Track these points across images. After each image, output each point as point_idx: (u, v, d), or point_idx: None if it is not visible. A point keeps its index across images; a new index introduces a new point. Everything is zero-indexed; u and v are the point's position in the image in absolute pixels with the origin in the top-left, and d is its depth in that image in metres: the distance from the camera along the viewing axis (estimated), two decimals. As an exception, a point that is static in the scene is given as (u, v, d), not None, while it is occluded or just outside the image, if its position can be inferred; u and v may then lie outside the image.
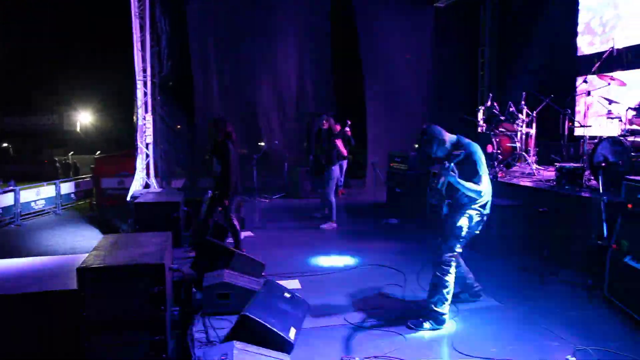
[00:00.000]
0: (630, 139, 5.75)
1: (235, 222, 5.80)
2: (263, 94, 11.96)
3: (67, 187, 12.28)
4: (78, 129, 27.24)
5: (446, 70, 13.18)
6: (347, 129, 11.24)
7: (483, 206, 3.91)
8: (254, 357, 2.93)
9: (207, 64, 11.62)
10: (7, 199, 10.01)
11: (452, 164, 3.62)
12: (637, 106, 5.99)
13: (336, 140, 7.51)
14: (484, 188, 3.81)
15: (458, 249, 3.89)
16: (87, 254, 4.07)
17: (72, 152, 17.73)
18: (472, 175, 3.75)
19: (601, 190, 4.72)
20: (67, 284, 3.96)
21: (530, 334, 3.72)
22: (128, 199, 8.66)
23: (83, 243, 7.40)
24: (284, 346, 3.25)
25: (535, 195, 5.98)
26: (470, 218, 3.89)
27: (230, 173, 5.55)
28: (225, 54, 11.72)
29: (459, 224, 3.87)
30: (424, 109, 12.79)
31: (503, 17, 12.73)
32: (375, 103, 12.49)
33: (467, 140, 3.91)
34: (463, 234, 3.87)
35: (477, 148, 3.86)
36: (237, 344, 3.00)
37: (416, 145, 8.68)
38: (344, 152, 7.56)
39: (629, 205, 4.14)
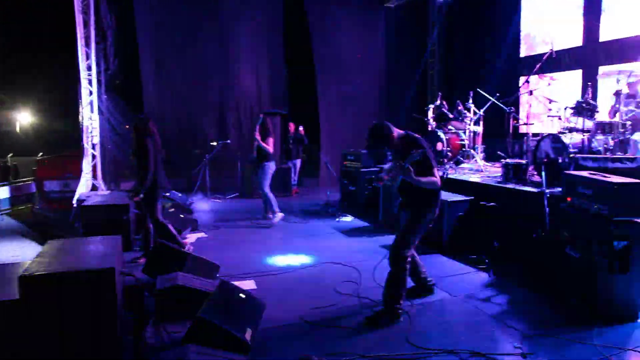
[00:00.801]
0: (569, 135, 6.08)
1: (165, 221, 5.72)
2: (216, 93, 11.77)
3: (5, 192, 11.64)
4: (17, 130, 25.85)
5: (397, 70, 13.47)
6: (301, 128, 11.31)
7: (434, 200, 4.01)
8: (210, 360, 2.88)
9: (157, 62, 11.31)
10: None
11: (407, 164, 3.68)
12: (575, 105, 6.33)
13: (258, 137, 7.55)
14: (438, 179, 3.90)
15: (412, 244, 3.97)
16: (29, 261, 3.88)
17: (10, 154, 16.79)
18: (425, 169, 3.83)
19: (544, 185, 4.95)
20: (7, 294, 3.76)
21: (480, 324, 3.86)
22: (74, 202, 8.31)
23: (25, 250, 7.03)
24: (241, 347, 3.21)
25: (483, 190, 6.19)
26: (423, 213, 3.97)
27: (149, 172, 5.46)
28: (175, 51, 11.45)
29: (412, 220, 3.96)
30: (376, 108, 13.00)
31: (450, 19, 13.11)
32: (328, 102, 12.59)
33: (415, 135, 4.00)
34: (417, 230, 3.96)
35: (426, 143, 3.97)
36: (193, 347, 2.95)
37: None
38: (270, 149, 7.61)
39: (568, 199, 4.36)
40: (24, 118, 25.92)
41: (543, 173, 5.19)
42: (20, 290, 3.39)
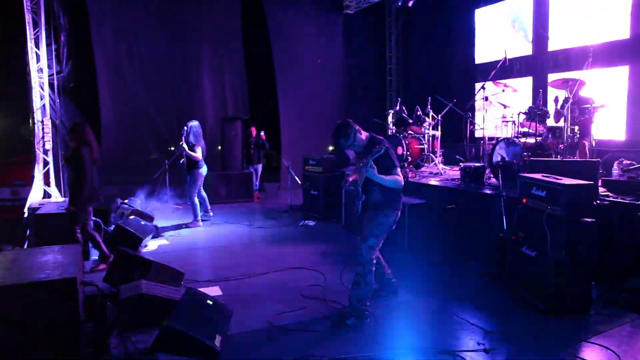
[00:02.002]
0: (523, 139, 6.35)
1: (94, 233, 5.67)
2: (175, 97, 11.56)
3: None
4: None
5: (357, 75, 13.67)
6: (262, 133, 11.27)
7: (397, 202, 4.10)
8: (180, 368, 2.84)
9: (113, 65, 11.00)
10: None
11: (370, 160, 3.74)
12: (527, 110, 6.62)
13: (185, 146, 7.69)
14: (401, 178, 3.99)
15: (377, 246, 4.05)
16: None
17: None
18: (388, 168, 3.91)
19: (501, 187, 5.16)
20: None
21: (444, 323, 3.98)
22: (25, 210, 7.96)
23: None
24: (210, 354, 3.18)
25: (443, 193, 6.38)
26: (387, 215, 4.04)
27: (85, 181, 5.34)
28: (133, 54, 11.17)
29: (376, 222, 4.02)
30: (336, 113, 13.12)
31: (408, 24, 13.43)
32: (289, 106, 12.61)
33: (379, 137, 4.10)
34: (381, 232, 4.03)
35: (389, 144, 4.07)
36: (162, 356, 2.90)
37: (330, 148, 8.84)
38: (196, 158, 7.74)
39: (524, 200, 4.57)
40: (-33, 122, 24.62)
41: (500, 176, 5.40)
42: (-27, 303, 3.23)
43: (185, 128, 7.84)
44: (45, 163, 9.27)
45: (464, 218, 5.86)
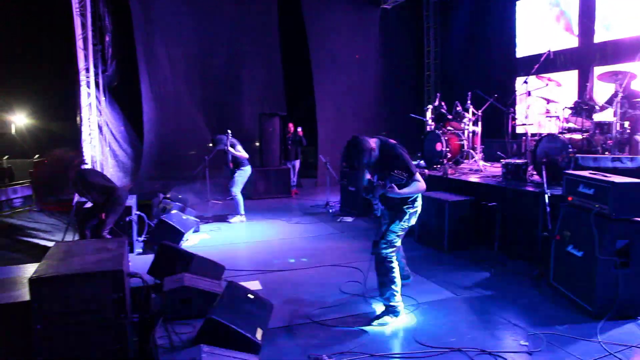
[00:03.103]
0: (568, 135, 6.14)
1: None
2: (214, 95, 11.78)
3: (3, 194, 11.57)
4: (13, 132, 25.69)
5: (394, 70, 13.55)
6: (299, 129, 11.35)
7: (415, 199, 4.06)
8: (223, 360, 2.91)
9: (154, 63, 11.30)
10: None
11: (388, 183, 3.72)
12: (573, 105, 6.40)
13: (231, 149, 7.92)
14: (423, 182, 3.91)
15: (397, 243, 4.02)
16: (36, 264, 3.90)
17: (6, 156, 16.71)
18: (409, 179, 3.85)
19: (544, 185, 5.01)
20: (15, 296, 3.78)
21: (485, 322, 3.91)
22: (74, 204, 8.30)
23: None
24: (252, 347, 3.24)
25: (483, 190, 6.25)
26: (405, 213, 4.01)
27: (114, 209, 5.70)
28: (172, 52, 11.45)
29: (395, 220, 4.00)
30: (373, 108, 13.06)
31: (446, 19, 13.20)
32: (325, 102, 12.64)
33: (391, 142, 4.02)
34: (400, 229, 4.00)
35: (401, 149, 3.96)
36: (205, 348, 2.97)
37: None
38: (243, 155, 8.02)
39: (569, 198, 4.43)
40: (19, 120, 25.80)
41: (543, 173, 5.25)
42: (30, 292, 3.41)
43: (226, 135, 7.95)
44: (93, 158, 9.61)
45: (506, 216, 5.72)
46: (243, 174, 8.09)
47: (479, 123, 8.29)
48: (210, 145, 10.57)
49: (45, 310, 3.42)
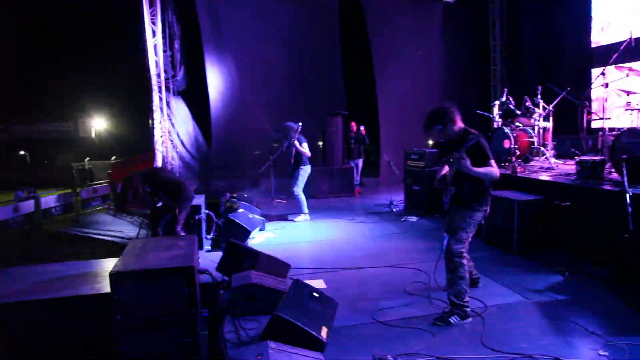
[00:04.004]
0: (652, 130, 5.72)
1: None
2: (277, 95, 12.02)
3: (84, 193, 12.44)
4: (93, 135, 27.54)
5: (458, 66, 13.18)
6: (362, 128, 11.33)
7: (486, 197, 3.96)
8: (289, 357, 2.97)
9: (220, 66, 11.72)
10: (28, 206, 10.18)
11: (462, 152, 3.65)
12: (658, 97, 5.95)
13: (296, 143, 7.96)
14: (496, 169, 3.80)
15: (466, 240, 3.93)
16: (115, 259, 4.16)
17: (88, 158, 17.94)
18: (482, 160, 3.77)
19: (625, 183, 4.70)
20: (97, 289, 4.07)
21: (558, 329, 3.72)
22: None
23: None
24: (317, 345, 3.29)
25: (555, 189, 5.95)
26: (476, 210, 3.93)
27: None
28: (238, 53, 11.82)
29: (465, 216, 3.92)
30: (437, 105, 12.75)
31: (513, 10, 12.66)
32: (388, 100, 12.52)
33: (474, 131, 3.95)
34: (469, 226, 3.92)
35: (482, 136, 3.89)
36: (272, 344, 3.04)
37: (430, 142, 8.63)
38: (307, 153, 8.04)
39: (654, 198, 4.12)
40: (98, 124, 27.61)
41: (624, 170, 4.91)
42: (111, 285, 3.64)
43: (295, 126, 8.05)
44: (164, 160, 10.10)
45: (581, 217, 5.41)
46: (304, 173, 8.15)
47: (550, 118, 7.89)
48: (275, 145, 10.81)
49: (123, 302, 3.64)
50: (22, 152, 27.24)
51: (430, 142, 10.30)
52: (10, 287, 3.92)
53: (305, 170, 8.16)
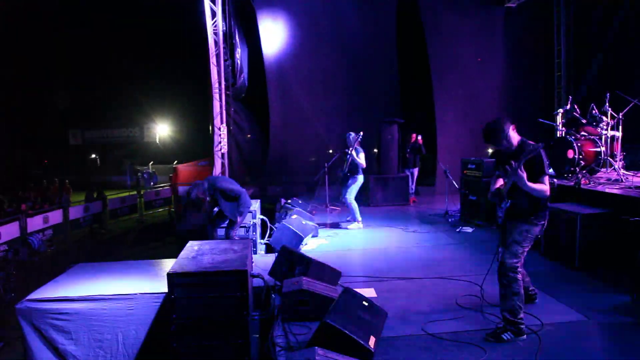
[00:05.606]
0: None
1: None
2: (334, 104, 12.14)
3: (147, 196, 13.07)
4: (157, 140, 28.91)
5: (520, 73, 12.74)
6: (419, 137, 11.21)
7: (544, 210, 3.84)
8: (336, 364, 2.99)
9: (281, 76, 11.99)
10: (97, 206, 10.82)
11: (521, 164, 3.57)
12: None
13: (353, 152, 8.01)
14: (548, 187, 3.71)
15: (521, 254, 3.80)
16: (173, 260, 4.36)
17: (152, 162, 18.86)
18: (538, 176, 3.68)
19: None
20: (156, 288, 4.30)
21: (624, 353, 3.51)
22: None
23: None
24: (364, 354, 3.29)
25: (624, 203, 5.61)
26: (533, 224, 3.81)
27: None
28: (297, 62, 12.04)
29: (521, 230, 3.80)
30: (496, 114, 12.37)
31: (579, 16, 12.09)
32: (445, 108, 12.29)
33: (531, 143, 3.82)
34: (525, 240, 3.80)
35: (542, 149, 3.76)
36: (319, 351, 3.07)
37: (490, 151, 8.40)
38: (362, 164, 8.06)
39: None
40: (162, 130, 28.94)
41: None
42: (168, 284, 3.82)
43: (354, 135, 8.11)
44: (222, 164, 10.42)
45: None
46: (357, 183, 8.17)
47: (620, 127, 7.46)
48: (330, 151, 10.91)
49: (179, 301, 3.81)
50: (93, 156, 29.04)
51: (490, 150, 10.03)
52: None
53: (359, 180, 8.18)
